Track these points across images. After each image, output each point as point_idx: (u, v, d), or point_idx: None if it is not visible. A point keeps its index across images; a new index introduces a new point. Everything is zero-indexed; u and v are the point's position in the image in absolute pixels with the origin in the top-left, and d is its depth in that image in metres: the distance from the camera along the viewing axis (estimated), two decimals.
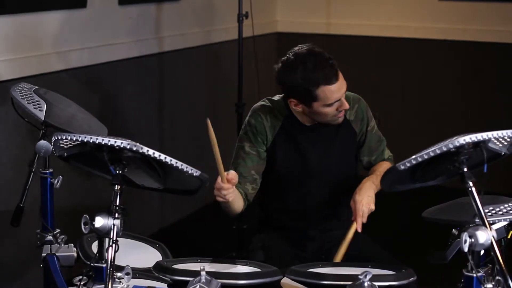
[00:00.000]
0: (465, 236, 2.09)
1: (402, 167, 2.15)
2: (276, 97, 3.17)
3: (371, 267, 2.50)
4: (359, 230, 2.94)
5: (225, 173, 2.74)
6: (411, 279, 2.39)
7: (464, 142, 2.09)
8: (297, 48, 2.99)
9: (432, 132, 5.90)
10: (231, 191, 2.77)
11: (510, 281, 2.10)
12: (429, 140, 2.33)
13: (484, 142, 2.17)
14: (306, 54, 2.93)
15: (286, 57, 2.98)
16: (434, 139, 2.26)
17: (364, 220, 2.96)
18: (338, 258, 2.90)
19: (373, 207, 2.99)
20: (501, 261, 2.11)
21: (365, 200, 2.97)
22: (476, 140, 2.11)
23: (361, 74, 6.08)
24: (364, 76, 6.10)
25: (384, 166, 3.19)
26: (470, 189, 2.17)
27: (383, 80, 6.24)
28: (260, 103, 3.17)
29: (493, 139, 2.20)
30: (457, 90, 6.06)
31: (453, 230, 2.41)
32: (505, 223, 2.51)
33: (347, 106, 2.99)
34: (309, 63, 2.89)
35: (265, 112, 3.11)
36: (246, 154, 3.08)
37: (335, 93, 2.92)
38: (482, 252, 2.20)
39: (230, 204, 2.88)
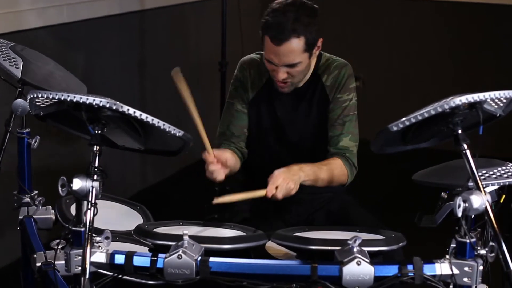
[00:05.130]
0: (459, 200, 2.02)
1: (395, 128, 2.08)
2: None
3: (359, 231, 2.44)
4: (269, 196, 2.71)
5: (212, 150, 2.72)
6: (401, 244, 2.32)
7: (460, 103, 2.01)
8: None
9: (418, 93, 5.89)
10: (220, 170, 2.78)
11: (504, 247, 2.05)
12: (414, 102, 2.26)
13: (480, 103, 2.10)
14: (288, 3, 2.80)
15: None
16: (420, 100, 2.19)
17: (279, 196, 2.71)
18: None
19: (292, 186, 2.73)
20: (495, 226, 2.06)
21: (283, 175, 2.74)
22: (472, 100, 2.04)
23: (346, 34, 6.04)
24: (348, 35, 6.05)
25: (334, 165, 2.93)
26: (464, 151, 2.10)
27: (368, 41, 6.22)
28: (250, 55, 3.10)
29: (489, 100, 2.13)
30: (443, 51, 6.06)
31: (442, 193, 2.35)
32: (496, 187, 2.46)
33: (278, 77, 2.85)
34: (276, 10, 2.78)
35: (251, 66, 3.04)
36: (237, 113, 3.02)
37: (271, 53, 2.81)
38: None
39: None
